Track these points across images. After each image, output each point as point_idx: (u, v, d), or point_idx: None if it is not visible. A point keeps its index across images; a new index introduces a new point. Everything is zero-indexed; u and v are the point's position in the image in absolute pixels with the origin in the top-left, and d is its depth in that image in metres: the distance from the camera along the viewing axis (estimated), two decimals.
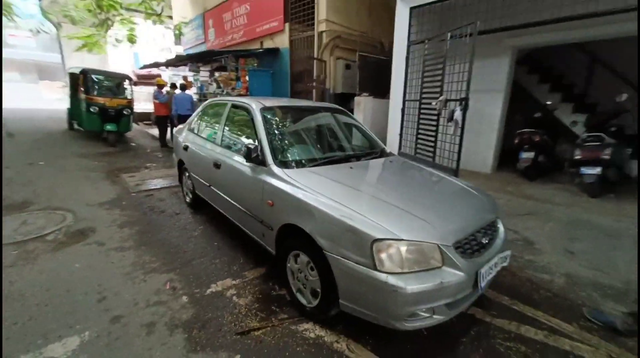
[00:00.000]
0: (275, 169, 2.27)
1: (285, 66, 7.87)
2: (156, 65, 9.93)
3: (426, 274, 1.62)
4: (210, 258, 2.80)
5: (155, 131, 10.51)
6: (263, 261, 2.74)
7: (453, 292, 1.65)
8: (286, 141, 2.65)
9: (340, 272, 1.74)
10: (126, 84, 8.20)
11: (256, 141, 2.51)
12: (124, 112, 7.73)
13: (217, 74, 8.74)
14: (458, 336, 1.99)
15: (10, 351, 1.73)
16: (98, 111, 7.27)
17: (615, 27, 4.14)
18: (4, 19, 10.14)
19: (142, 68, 10.68)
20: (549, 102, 5.66)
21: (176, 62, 9.15)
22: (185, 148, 3.69)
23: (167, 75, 13.46)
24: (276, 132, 2.62)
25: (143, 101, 14.16)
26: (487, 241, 1.93)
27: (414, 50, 5.20)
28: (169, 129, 8.02)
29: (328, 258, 1.78)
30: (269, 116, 2.69)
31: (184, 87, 7.49)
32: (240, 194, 2.63)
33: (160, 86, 7.66)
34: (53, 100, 19.61)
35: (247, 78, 7.66)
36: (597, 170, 4.36)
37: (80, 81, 7.48)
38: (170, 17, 13.56)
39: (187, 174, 3.87)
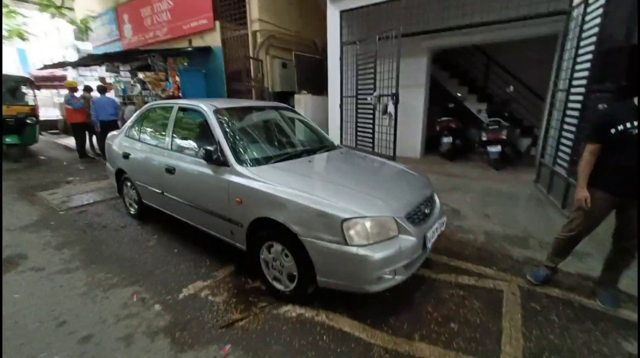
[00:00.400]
0: (239, 168, 2.36)
1: (219, 65, 7.65)
2: (62, 65, 8.64)
3: (387, 242, 1.94)
4: (173, 265, 2.75)
5: (66, 141, 9.24)
6: (230, 260, 2.79)
7: (409, 254, 2.00)
8: (243, 141, 2.73)
9: (316, 253, 1.95)
10: (25, 88, 7.01)
11: (214, 143, 2.54)
12: (27, 121, 6.61)
13: (140, 74, 8.02)
14: (412, 293, 2.39)
15: None
16: None
17: (502, 33, 5.14)
18: None
19: (43, 68, 9.14)
20: (459, 94, 6.68)
21: (89, 61, 8.11)
22: (126, 156, 3.45)
23: (71, 76, 11.75)
24: (233, 132, 2.68)
25: (44, 106, 12.16)
26: (428, 211, 2.36)
27: (347, 50, 5.62)
28: (89, 138, 7.14)
29: (304, 242, 1.98)
30: (222, 118, 2.73)
31: (103, 90, 6.72)
32: (202, 196, 2.64)
33: (73, 89, 6.76)
34: None
35: (177, 79, 7.24)
36: (498, 148, 5.39)
37: None
38: (70, 9, 11.80)
39: (129, 184, 3.62)
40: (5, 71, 9.32)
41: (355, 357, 1.79)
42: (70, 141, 8.91)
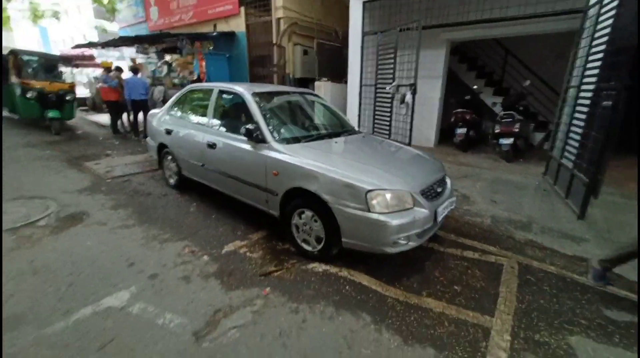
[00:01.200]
0: (276, 145, 2.72)
1: (243, 50, 7.95)
2: (93, 45, 9.08)
3: (404, 212, 2.28)
4: (213, 228, 3.17)
5: (96, 118, 9.79)
6: (262, 226, 3.20)
7: (421, 224, 2.34)
8: (278, 122, 3.08)
9: (343, 218, 2.32)
10: (63, 66, 7.49)
11: (253, 122, 2.89)
12: (67, 97, 7.12)
13: (168, 56, 8.40)
14: (423, 261, 2.74)
15: (70, 307, 1.99)
16: (36, 96, 6.60)
17: (521, 27, 5.26)
18: None
19: (75, 47, 9.62)
20: (475, 87, 6.83)
21: (120, 42, 8.51)
22: (169, 132, 3.85)
23: (96, 55, 12.20)
24: (269, 114, 3.03)
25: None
26: (440, 190, 2.68)
27: (368, 40, 5.84)
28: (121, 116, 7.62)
29: (332, 209, 2.34)
30: (260, 101, 3.08)
31: (135, 71, 7.13)
32: (242, 168, 3.01)
33: (108, 69, 7.20)
34: None
35: (203, 62, 7.59)
36: (511, 141, 5.59)
37: (10, 63, 6.65)
38: None
39: (169, 157, 4.04)
40: (32, 48, 9.73)
41: (372, 303, 2.17)
42: (101, 118, 9.47)
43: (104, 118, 8.97)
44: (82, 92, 12.30)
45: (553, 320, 2.08)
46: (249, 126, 2.79)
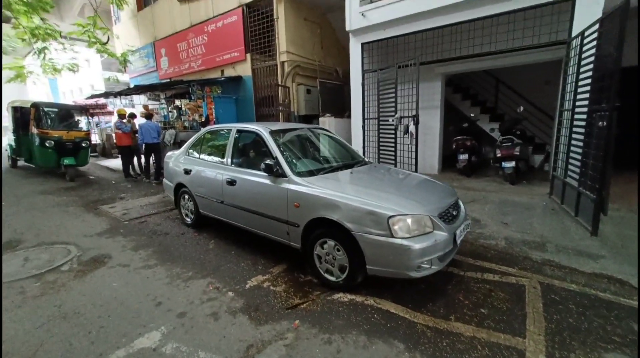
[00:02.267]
0: (296, 178, 2.86)
1: (249, 92, 8.43)
2: (107, 94, 9.64)
3: (425, 236, 2.36)
4: (234, 263, 3.21)
5: (107, 163, 10.10)
6: (282, 259, 3.24)
7: (442, 247, 2.41)
8: (295, 156, 3.26)
9: (366, 245, 2.39)
10: (80, 115, 7.93)
11: (272, 158, 3.06)
12: (83, 144, 7.45)
13: (177, 101, 8.90)
14: (444, 285, 2.76)
15: (103, 350, 2.00)
16: (54, 145, 6.91)
17: (509, 59, 5.68)
18: None
19: (89, 98, 10.21)
20: (472, 115, 7.16)
21: (133, 91, 9.06)
22: (187, 172, 4.02)
23: (108, 104, 12.84)
24: (286, 149, 3.21)
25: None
26: (455, 213, 2.78)
27: (368, 77, 6.25)
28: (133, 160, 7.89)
29: (356, 237, 2.42)
30: (277, 138, 3.28)
31: (149, 116, 7.53)
32: (262, 203, 3.12)
33: (122, 116, 7.59)
34: None
35: (212, 105, 8.03)
36: (512, 163, 5.76)
37: (31, 115, 7.06)
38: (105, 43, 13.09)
39: (186, 196, 4.17)
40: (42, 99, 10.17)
41: (403, 330, 2.17)
42: (111, 163, 9.77)
43: (115, 163, 9.27)
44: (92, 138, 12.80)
45: (585, 338, 2.08)
46: (268, 162, 2.96)
